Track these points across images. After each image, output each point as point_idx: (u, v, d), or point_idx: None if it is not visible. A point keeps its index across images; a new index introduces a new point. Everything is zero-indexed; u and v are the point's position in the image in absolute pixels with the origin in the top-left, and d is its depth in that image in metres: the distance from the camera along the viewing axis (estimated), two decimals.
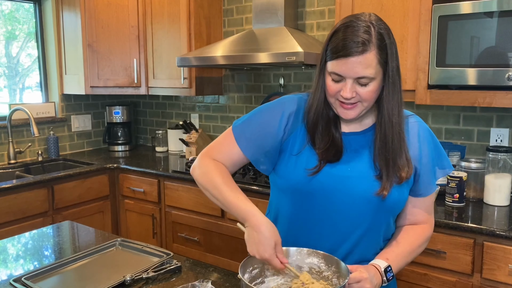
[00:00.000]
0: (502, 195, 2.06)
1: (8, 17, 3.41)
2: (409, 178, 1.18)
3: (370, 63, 1.08)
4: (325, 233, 1.21)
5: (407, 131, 1.20)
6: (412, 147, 1.20)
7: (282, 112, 1.24)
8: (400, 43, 2.19)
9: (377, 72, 1.10)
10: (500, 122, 2.30)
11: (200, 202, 2.73)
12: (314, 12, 2.86)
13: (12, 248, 1.66)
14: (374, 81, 1.11)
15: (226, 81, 3.36)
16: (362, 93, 1.11)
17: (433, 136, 1.25)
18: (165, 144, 3.65)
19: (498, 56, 1.87)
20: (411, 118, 1.25)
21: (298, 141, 1.22)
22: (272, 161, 1.27)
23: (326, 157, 1.18)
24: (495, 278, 1.79)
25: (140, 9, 3.28)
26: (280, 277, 1.16)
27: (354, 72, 1.08)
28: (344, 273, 1.08)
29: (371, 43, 1.07)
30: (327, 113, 1.20)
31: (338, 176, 1.17)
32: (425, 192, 1.24)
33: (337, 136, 1.20)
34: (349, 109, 1.14)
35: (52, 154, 3.42)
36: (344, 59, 1.08)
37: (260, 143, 1.24)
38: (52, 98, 3.60)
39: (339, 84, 1.12)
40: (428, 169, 1.22)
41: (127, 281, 1.31)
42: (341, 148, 1.19)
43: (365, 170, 1.18)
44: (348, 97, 1.11)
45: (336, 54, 1.09)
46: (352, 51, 1.06)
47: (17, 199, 2.63)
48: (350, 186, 1.17)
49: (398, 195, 1.18)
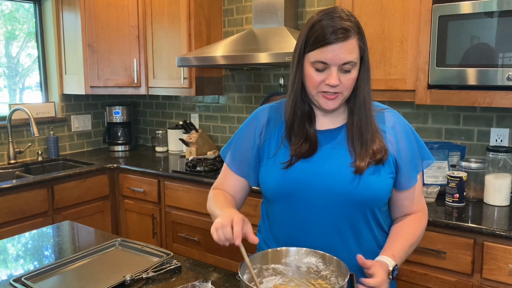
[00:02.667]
0: (502, 195, 2.06)
1: (8, 17, 3.42)
2: (385, 160, 1.19)
3: (354, 48, 1.12)
4: (313, 231, 1.22)
5: (382, 123, 1.23)
6: (388, 138, 1.22)
7: (257, 123, 1.31)
8: (400, 43, 2.19)
9: (358, 57, 1.14)
10: (500, 122, 2.30)
11: (200, 202, 2.73)
12: (314, 12, 2.85)
13: (12, 248, 1.66)
14: (355, 67, 1.15)
15: (226, 81, 3.36)
16: (345, 80, 1.15)
17: (411, 129, 1.27)
18: (165, 144, 3.66)
19: (498, 56, 1.87)
20: (387, 111, 1.27)
21: (273, 144, 1.27)
22: (256, 172, 1.32)
23: (299, 152, 1.21)
24: (495, 278, 1.79)
25: (140, 9, 3.28)
26: (278, 277, 1.17)
27: (340, 58, 1.11)
28: (344, 272, 1.08)
29: (353, 29, 1.12)
30: (303, 108, 1.24)
31: (316, 173, 1.20)
32: (407, 185, 1.25)
33: (311, 132, 1.23)
34: (332, 99, 1.17)
35: (52, 154, 3.42)
36: (329, 47, 1.11)
37: (244, 158, 1.32)
38: (52, 98, 3.60)
39: (323, 74, 1.14)
40: (407, 161, 1.23)
41: (127, 281, 1.31)
42: (314, 144, 1.22)
43: (342, 164, 1.19)
44: (335, 84, 1.13)
45: (320, 43, 1.11)
46: (337, 38, 1.10)
47: (17, 199, 2.63)
48: (328, 181, 1.18)
49: (376, 180, 1.19)
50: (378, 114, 1.25)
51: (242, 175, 1.34)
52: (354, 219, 1.21)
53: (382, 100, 2.27)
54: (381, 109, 1.27)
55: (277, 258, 1.17)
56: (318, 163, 1.21)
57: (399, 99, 2.23)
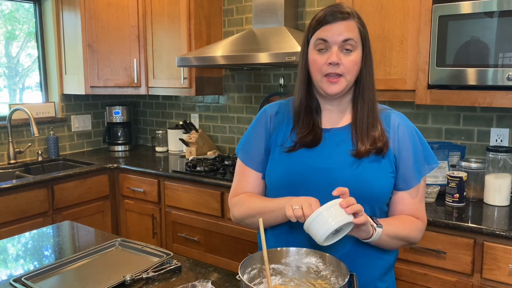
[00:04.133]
0: (502, 195, 2.06)
1: (8, 17, 3.42)
2: (385, 152, 1.21)
3: (353, 28, 1.18)
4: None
5: (387, 122, 1.26)
6: (391, 138, 1.24)
7: (266, 117, 1.34)
8: (400, 43, 2.19)
9: (358, 41, 1.19)
10: (500, 122, 2.30)
11: (200, 202, 2.73)
12: (314, 12, 2.86)
13: (12, 248, 1.66)
14: (356, 50, 1.19)
15: (226, 81, 3.36)
16: (346, 62, 1.18)
17: (416, 131, 1.28)
18: (165, 144, 3.66)
19: (498, 56, 1.87)
20: (394, 113, 1.29)
21: (281, 136, 1.29)
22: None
23: (303, 141, 1.24)
24: (495, 278, 1.79)
25: (140, 9, 3.28)
26: (278, 277, 1.17)
27: (339, 34, 1.16)
28: (343, 272, 1.08)
29: (353, 15, 1.19)
30: (311, 102, 1.28)
31: (319, 168, 1.21)
32: (404, 187, 1.25)
33: (316, 125, 1.26)
34: (335, 82, 1.20)
35: (52, 154, 3.42)
36: (329, 25, 1.17)
37: (258, 152, 1.33)
38: (52, 98, 3.60)
39: (325, 55, 1.18)
40: (408, 162, 1.24)
41: (127, 281, 1.31)
42: (319, 136, 1.25)
43: (344, 161, 1.21)
44: (335, 61, 1.16)
45: (321, 23, 1.18)
46: (337, 17, 1.17)
47: (17, 199, 2.63)
48: (332, 177, 1.20)
49: (378, 176, 1.20)
50: (384, 113, 1.27)
51: (259, 170, 1.34)
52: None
53: (382, 100, 2.27)
54: (388, 109, 1.30)
55: (277, 258, 1.17)
56: (321, 159, 1.22)
57: (399, 99, 2.23)
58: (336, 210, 1.04)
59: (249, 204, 1.29)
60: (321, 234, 1.04)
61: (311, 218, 1.05)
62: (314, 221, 1.04)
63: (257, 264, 1.15)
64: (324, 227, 1.03)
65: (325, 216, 1.03)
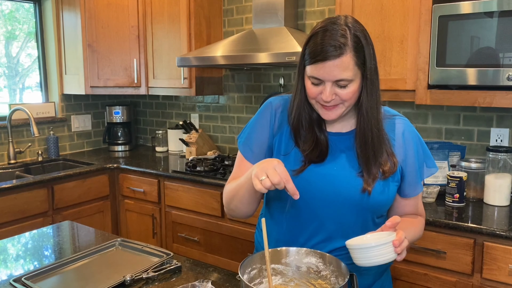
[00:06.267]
0: (502, 195, 2.06)
1: (8, 17, 3.41)
2: (394, 173, 1.20)
3: (347, 65, 1.10)
4: (313, 231, 1.23)
5: (392, 130, 1.23)
6: (397, 146, 1.22)
7: (271, 110, 1.29)
8: (400, 43, 2.19)
9: (355, 73, 1.12)
10: (500, 122, 2.30)
11: (200, 202, 2.73)
12: (314, 12, 2.86)
13: (12, 248, 1.66)
14: (353, 82, 1.13)
15: (226, 81, 3.36)
16: (342, 94, 1.13)
17: (419, 138, 1.27)
18: (165, 144, 3.65)
19: (498, 56, 1.86)
20: (398, 119, 1.27)
21: (284, 141, 1.26)
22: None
23: (310, 158, 1.20)
24: (495, 278, 1.79)
25: (140, 9, 3.28)
26: (278, 277, 1.17)
27: (332, 75, 1.10)
28: (343, 272, 1.08)
29: (347, 46, 1.09)
30: (310, 115, 1.23)
31: (324, 175, 1.20)
32: (411, 193, 1.26)
33: (322, 138, 1.22)
34: (330, 110, 1.17)
35: (52, 154, 3.42)
36: (321, 63, 1.10)
37: (260, 147, 1.29)
38: (52, 98, 3.60)
39: (319, 87, 1.14)
40: (413, 169, 1.24)
41: (127, 281, 1.31)
42: (326, 149, 1.22)
43: (349, 169, 1.20)
44: (328, 100, 1.13)
45: (314, 59, 1.11)
46: (329, 55, 1.09)
47: (17, 199, 2.63)
48: (335, 184, 1.19)
49: (383, 192, 1.19)
50: (388, 121, 1.24)
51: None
52: (355, 220, 1.21)
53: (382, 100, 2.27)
54: (391, 116, 1.26)
55: (277, 258, 1.17)
56: (326, 165, 1.21)
57: (399, 99, 2.23)
58: (387, 248, 1.04)
59: (228, 189, 1.27)
60: (364, 263, 1.06)
61: (360, 246, 1.05)
62: (361, 250, 1.05)
63: (257, 264, 1.15)
64: (370, 260, 1.04)
65: (375, 253, 1.04)
